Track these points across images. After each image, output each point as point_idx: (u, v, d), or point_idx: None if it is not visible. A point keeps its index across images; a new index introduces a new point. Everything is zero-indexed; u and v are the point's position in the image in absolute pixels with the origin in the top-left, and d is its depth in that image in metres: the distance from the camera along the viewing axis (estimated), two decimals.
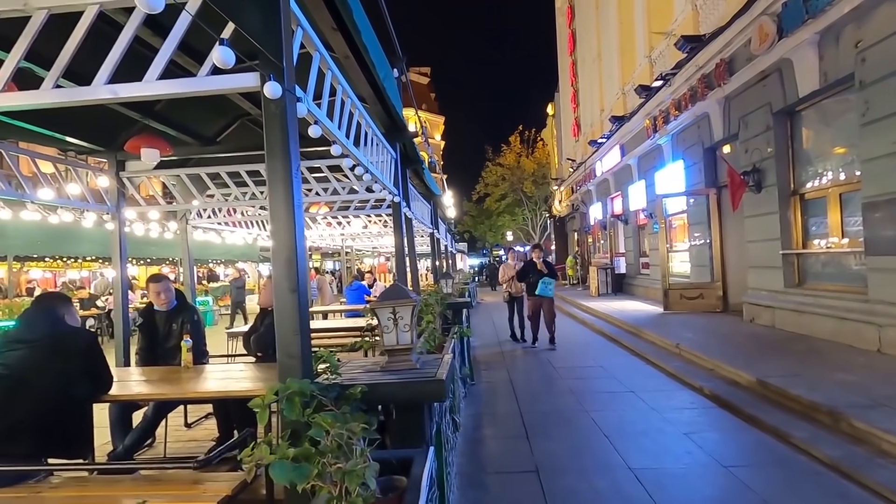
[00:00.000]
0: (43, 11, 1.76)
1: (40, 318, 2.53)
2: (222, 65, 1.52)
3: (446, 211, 15.42)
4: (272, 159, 1.69)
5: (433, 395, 2.04)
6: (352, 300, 9.19)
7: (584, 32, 22.42)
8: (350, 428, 1.38)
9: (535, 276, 8.24)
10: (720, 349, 6.48)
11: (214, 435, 3.89)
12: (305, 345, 1.70)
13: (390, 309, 2.18)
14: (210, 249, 15.27)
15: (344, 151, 2.57)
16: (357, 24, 2.43)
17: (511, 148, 31.62)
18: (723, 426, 4.42)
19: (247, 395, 2.92)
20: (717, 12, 9.18)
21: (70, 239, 11.36)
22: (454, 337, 4.07)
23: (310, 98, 2.01)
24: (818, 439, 3.76)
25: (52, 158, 4.34)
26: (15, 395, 2.26)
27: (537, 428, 4.53)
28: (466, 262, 38.35)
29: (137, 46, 2.02)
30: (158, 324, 3.84)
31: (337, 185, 5.28)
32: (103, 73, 1.77)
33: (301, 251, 1.72)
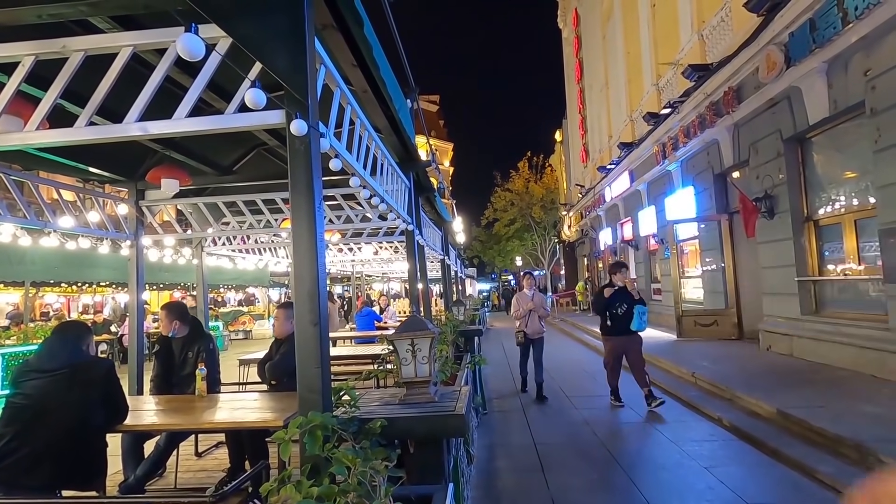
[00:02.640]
0: (80, 53, 1.83)
1: (60, 347, 2.55)
2: (254, 106, 1.57)
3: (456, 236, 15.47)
4: (296, 194, 1.71)
5: (453, 431, 2.01)
6: (362, 326, 9.16)
7: (591, 62, 22.82)
8: (374, 466, 1.37)
9: (624, 305, 5.82)
10: (738, 378, 6.34)
11: (225, 465, 3.84)
12: (326, 378, 1.69)
13: (409, 341, 2.17)
14: (222, 275, 15.40)
15: (362, 183, 2.61)
16: (376, 60, 2.50)
17: (520, 173, 31.84)
18: (745, 460, 4.28)
19: (261, 427, 2.90)
20: (724, 42, 9.32)
21: (86, 265, 11.54)
22: (468, 366, 4.03)
23: (331, 132, 2.05)
24: (845, 474, 3.62)
25: (73, 188, 4.44)
26: (35, 425, 2.27)
27: (552, 460, 4.43)
28: (476, 287, 38.23)
29: (166, 84, 2.09)
30: (174, 351, 3.84)
31: (350, 212, 5.34)
32: (135, 110, 1.83)
33: (323, 284, 1.73)
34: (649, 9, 13.90)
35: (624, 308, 5.81)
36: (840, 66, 6.32)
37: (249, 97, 1.56)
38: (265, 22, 1.69)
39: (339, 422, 1.66)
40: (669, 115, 11.19)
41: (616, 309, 5.87)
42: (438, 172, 13.72)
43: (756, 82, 7.81)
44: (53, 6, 1.77)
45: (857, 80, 6.08)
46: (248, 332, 18.02)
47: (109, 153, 3.89)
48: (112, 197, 4.54)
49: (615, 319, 5.90)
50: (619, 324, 5.87)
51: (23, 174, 3.69)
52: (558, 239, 31.19)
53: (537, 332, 6.91)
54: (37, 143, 1.90)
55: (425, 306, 5.64)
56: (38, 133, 1.87)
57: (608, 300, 5.92)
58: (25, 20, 1.82)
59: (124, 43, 1.83)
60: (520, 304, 6.99)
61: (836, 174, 7.27)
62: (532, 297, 6.92)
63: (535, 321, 6.86)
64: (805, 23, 6.43)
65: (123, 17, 2.05)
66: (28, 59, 1.86)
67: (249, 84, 1.57)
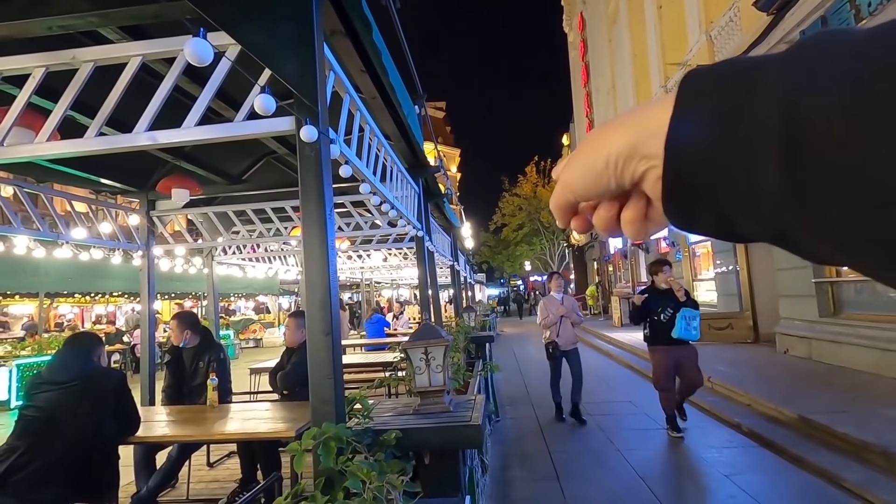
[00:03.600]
0: (89, 64, 1.83)
1: (72, 359, 2.55)
2: (263, 112, 1.55)
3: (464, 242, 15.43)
4: (307, 201, 1.69)
5: (470, 441, 1.96)
6: (372, 334, 9.14)
7: (597, 65, 22.77)
8: (390, 480, 1.32)
9: (668, 310, 4.86)
10: (756, 383, 6.21)
11: (237, 475, 3.81)
12: (339, 389, 1.66)
13: (422, 349, 2.13)
14: (232, 283, 15.49)
15: (372, 189, 2.58)
16: (385, 66, 2.48)
17: (527, 178, 31.78)
18: (766, 467, 4.17)
19: (273, 437, 2.87)
20: (733, 42, 9.23)
21: (99, 275, 11.67)
22: (480, 373, 3.97)
23: (341, 139, 2.03)
24: (873, 483, 3.51)
25: (85, 199, 4.47)
26: (47, 437, 2.25)
27: (568, 469, 4.34)
28: (485, 292, 38.12)
29: (175, 94, 2.09)
30: (185, 361, 3.83)
31: (360, 219, 5.33)
32: (144, 120, 1.82)
33: (334, 293, 1.70)
34: (656, 11, 13.84)
35: (669, 313, 4.85)
36: None
37: (259, 103, 1.54)
38: (274, 28, 1.67)
39: (353, 433, 1.62)
40: None
41: (658, 315, 4.89)
42: (446, 178, 13.74)
43: None
44: (63, 18, 1.77)
45: None
46: (258, 341, 18.07)
47: (120, 164, 3.91)
48: (123, 208, 4.56)
49: (657, 328, 4.89)
50: (663, 331, 4.85)
51: (36, 187, 3.72)
52: (567, 243, 31.03)
53: (571, 341, 5.80)
54: (48, 155, 1.89)
55: (436, 313, 5.60)
56: (49, 144, 1.86)
57: (642, 308, 4.99)
58: (35, 33, 1.82)
59: (133, 53, 1.82)
60: (548, 309, 5.81)
61: None
62: (562, 301, 5.83)
63: (567, 329, 5.78)
64: (816, 20, 6.34)
65: (132, 27, 2.05)
66: (38, 70, 1.86)
67: (259, 90, 1.55)
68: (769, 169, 0.26)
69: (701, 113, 0.29)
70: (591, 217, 0.39)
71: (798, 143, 0.25)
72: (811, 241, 0.27)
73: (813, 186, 0.25)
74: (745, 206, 0.28)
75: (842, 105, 0.24)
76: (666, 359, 4.90)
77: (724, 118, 0.28)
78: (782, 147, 0.25)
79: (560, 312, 5.74)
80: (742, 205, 0.28)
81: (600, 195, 0.37)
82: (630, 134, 0.33)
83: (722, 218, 0.30)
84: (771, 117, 0.26)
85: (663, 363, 4.93)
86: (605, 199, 0.37)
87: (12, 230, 3.37)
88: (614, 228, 0.38)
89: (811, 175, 0.24)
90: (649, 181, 0.33)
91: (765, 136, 0.26)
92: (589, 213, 0.39)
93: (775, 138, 0.26)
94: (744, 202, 0.28)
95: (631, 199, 0.36)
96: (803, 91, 0.25)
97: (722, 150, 0.28)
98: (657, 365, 5.02)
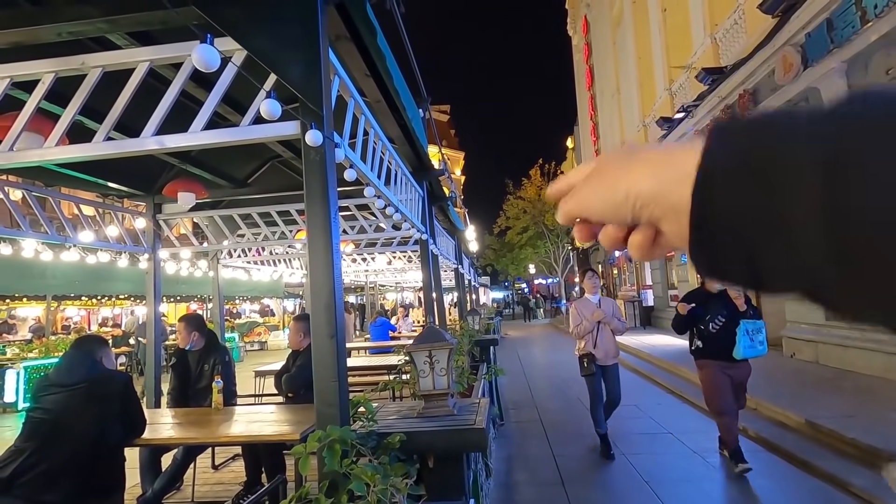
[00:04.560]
0: (98, 69, 1.85)
1: (78, 361, 2.56)
2: (269, 116, 1.56)
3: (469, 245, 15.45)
4: (312, 205, 1.70)
5: (474, 445, 1.96)
6: (376, 336, 9.14)
7: (601, 67, 22.77)
8: (394, 483, 1.32)
9: (719, 318, 4.05)
10: (762, 387, 6.16)
11: (242, 478, 3.82)
12: (343, 392, 1.66)
13: (426, 352, 2.14)
14: (237, 286, 15.56)
15: (377, 192, 2.60)
16: (389, 70, 2.50)
17: (531, 181, 31.77)
18: (773, 472, 4.14)
19: (278, 440, 2.88)
20: (738, 44, 9.21)
21: (105, 278, 11.75)
22: (485, 377, 3.97)
23: (346, 143, 2.04)
24: (881, 488, 3.47)
25: (92, 203, 4.52)
26: (53, 440, 2.27)
27: (572, 473, 4.33)
28: (490, 295, 38.06)
29: (181, 98, 2.11)
30: (191, 364, 3.85)
31: (364, 223, 5.34)
32: (151, 124, 1.84)
33: (339, 296, 1.71)
34: (660, 14, 13.84)
35: (720, 322, 4.00)
36: (860, 65, 6.19)
37: (265, 108, 1.55)
38: (279, 34, 1.69)
39: (358, 436, 1.62)
40: (683, 119, 11.07)
41: (708, 324, 4.05)
42: (451, 181, 13.76)
43: (773, 84, 7.69)
44: (72, 24, 1.79)
45: (878, 79, 5.94)
46: (263, 343, 18.12)
47: (127, 168, 3.95)
48: (130, 211, 4.60)
49: (708, 340, 4.08)
50: (714, 344, 4.04)
51: (44, 190, 3.75)
52: (572, 246, 30.96)
53: (611, 354, 4.73)
54: (56, 159, 1.92)
55: (440, 316, 5.61)
56: (58, 149, 1.88)
57: (688, 317, 4.15)
58: (45, 39, 1.85)
59: (141, 58, 1.85)
60: (581, 314, 4.77)
61: None
62: (599, 304, 4.81)
63: (606, 339, 4.72)
64: (822, 23, 6.32)
65: (140, 33, 2.07)
66: (48, 76, 1.88)
67: (265, 95, 1.56)
68: (811, 229, 0.25)
69: (732, 167, 0.29)
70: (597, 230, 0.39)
71: (845, 204, 0.24)
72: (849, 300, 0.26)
73: (861, 250, 0.24)
74: (780, 263, 0.27)
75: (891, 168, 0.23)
76: (719, 376, 4.06)
77: (759, 174, 0.27)
78: (827, 207, 0.24)
79: (597, 318, 4.72)
80: (777, 261, 0.27)
81: (614, 222, 0.37)
82: (653, 178, 0.33)
83: (752, 271, 0.29)
84: (813, 178, 0.25)
85: (716, 381, 4.07)
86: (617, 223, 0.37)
87: (21, 233, 3.40)
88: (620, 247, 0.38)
89: (858, 239, 0.24)
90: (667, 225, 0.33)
91: (806, 195, 0.25)
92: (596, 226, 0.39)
93: (818, 198, 0.25)
94: (780, 259, 0.27)
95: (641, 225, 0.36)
96: (848, 151, 0.24)
97: (757, 206, 0.27)
98: (709, 384, 4.15)
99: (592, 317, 4.69)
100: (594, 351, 4.69)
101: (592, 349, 4.70)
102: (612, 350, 4.76)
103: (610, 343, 4.76)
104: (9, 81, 1.90)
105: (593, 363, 4.68)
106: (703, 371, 4.22)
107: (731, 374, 4.07)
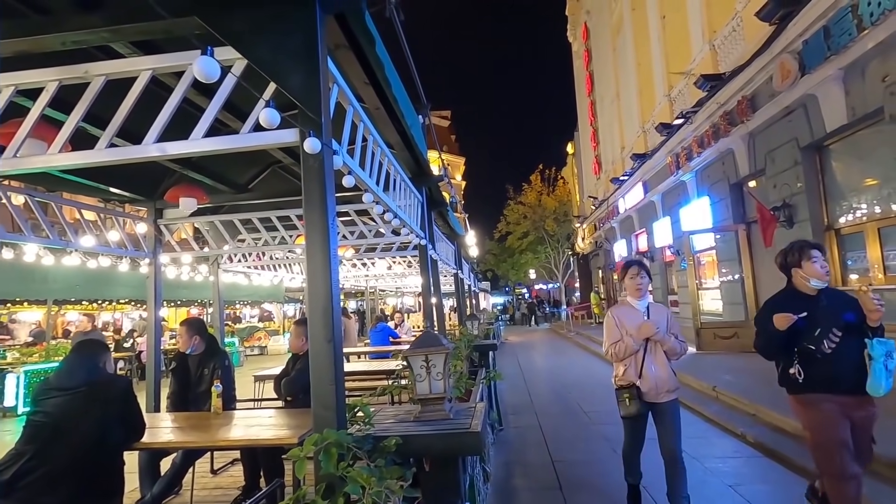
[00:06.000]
0: (101, 78, 1.89)
1: (78, 365, 2.58)
2: (268, 125, 1.59)
3: (469, 250, 15.48)
4: (310, 211, 1.73)
5: (469, 449, 1.98)
6: (376, 342, 9.15)
7: (601, 74, 22.88)
8: (389, 486, 1.34)
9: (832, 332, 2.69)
10: (761, 392, 6.16)
11: (240, 482, 3.83)
12: (340, 395, 1.68)
13: (423, 357, 2.16)
14: (237, 291, 15.57)
15: (375, 199, 2.62)
16: (388, 79, 2.53)
17: (532, 186, 31.86)
18: (771, 478, 4.14)
19: (276, 444, 2.89)
20: (736, 51, 9.28)
21: (106, 283, 11.78)
22: (483, 382, 3.98)
23: (344, 149, 2.07)
24: (881, 495, 3.48)
25: (94, 208, 4.55)
26: (53, 443, 2.29)
27: (571, 479, 4.33)
28: (490, 300, 38.05)
29: (183, 105, 2.14)
30: (191, 368, 3.87)
31: (364, 228, 5.37)
32: (153, 131, 1.87)
33: (336, 301, 1.73)
34: (659, 21, 13.93)
35: (836, 338, 2.69)
36: (857, 72, 6.24)
37: (264, 117, 1.58)
38: (279, 43, 1.72)
39: (354, 439, 1.64)
40: (682, 125, 11.12)
41: (818, 342, 2.71)
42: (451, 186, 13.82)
43: (770, 91, 7.74)
44: (76, 33, 1.83)
45: (874, 86, 5.98)
46: (263, 348, 18.13)
47: (129, 173, 3.98)
48: (131, 216, 4.63)
49: (818, 365, 2.74)
50: (828, 370, 2.72)
51: (46, 195, 3.79)
52: (572, 251, 30.99)
53: (664, 387, 3.24)
54: (60, 166, 1.95)
55: (439, 321, 5.62)
56: (61, 156, 1.92)
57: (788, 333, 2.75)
58: (50, 47, 1.88)
59: (144, 67, 1.88)
60: (621, 327, 3.35)
61: (857, 182, 7.12)
62: (648, 313, 3.34)
63: (658, 365, 3.27)
64: (819, 30, 6.37)
65: (143, 41, 2.11)
66: (52, 84, 1.92)
67: (264, 104, 1.60)
68: None
69: None
70: None
71: None
72: None
73: None
74: None
75: None
76: (837, 421, 2.71)
77: None
78: None
79: (646, 334, 3.21)
80: None
81: None
82: None
83: None
84: None
85: (834, 428, 2.71)
86: None
87: (23, 238, 3.43)
88: None
89: None
90: None
91: None
92: None
93: None
94: None
95: None
96: None
97: None
98: (823, 432, 2.75)
99: (639, 332, 3.22)
100: (639, 382, 3.22)
101: (637, 379, 3.23)
102: (665, 380, 3.22)
103: (662, 371, 3.23)
104: (13, 89, 1.94)
105: (637, 400, 3.21)
106: (809, 412, 2.82)
107: (854, 416, 2.72)
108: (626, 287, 3.48)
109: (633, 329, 3.28)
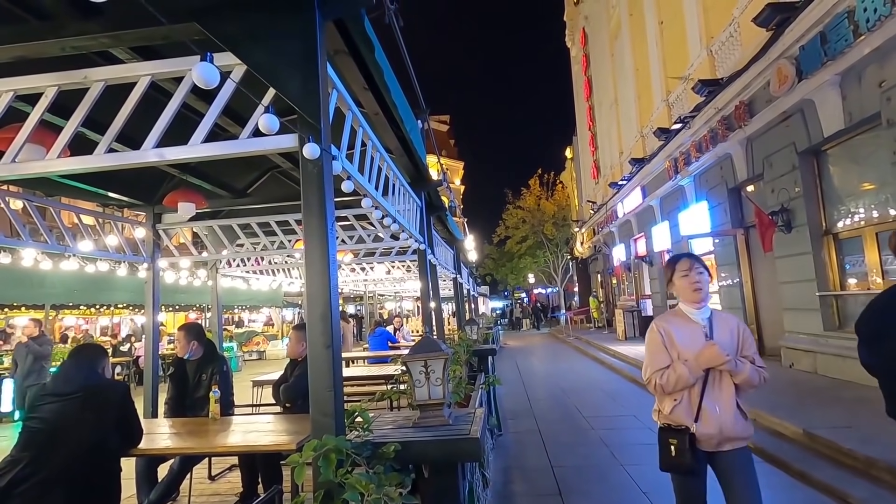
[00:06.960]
0: (100, 83, 1.89)
1: (76, 370, 2.57)
2: (267, 131, 1.59)
3: (468, 254, 15.48)
4: (309, 216, 1.73)
5: (468, 455, 1.97)
6: (374, 346, 9.13)
7: (599, 79, 22.98)
8: (387, 493, 1.34)
9: None
10: (760, 397, 6.14)
11: (238, 488, 3.80)
12: (339, 401, 1.68)
13: (422, 362, 2.15)
14: (236, 295, 15.56)
15: (374, 203, 2.63)
16: (387, 84, 2.54)
17: (531, 191, 31.88)
18: (770, 483, 4.12)
19: (274, 450, 2.88)
20: (734, 57, 9.32)
21: (104, 287, 11.75)
22: (482, 387, 3.97)
23: (343, 154, 2.08)
24: (879, 500, 3.47)
25: (92, 212, 4.55)
26: (50, 449, 2.27)
27: (570, 484, 4.31)
28: (489, 305, 38.00)
29: (182, 110, 2.14)
30: (188, 374, 3.85)
31: (363, 232, 5.37)
32: (152, 137, 1.87)
33: (335, 307, 1.73)
34: (657, 26, 14.01)
35: None
36: (853, 77, 6.27)
37: (263, 122, 1.59)
38: (278, 49, 1.73)
39: (353, 446, 1.63)
40: (680, 130, 11.16)
41: None
42: (450, 191, 13.83)
43: (768, 96, 7.77)
44: (76, 39, 1.84)
45: (871, 91, 6.02)
46: (261, 353, 18.08)
47: (128, 178, 3.98)
48: (130, 221, 4.63)
49: None
50: None
51: (45, 200, 3.78)
52: (571, 256, 30.98)
53: (730, 431, 2.20)
54: (58, 171, 1.95)
55: (438, 325, 5.61)
56: (60, 161, 1.92)
57: None
58: (49, 53, 1.89)
59: (143, 72, 1.88)
60: (670, 346, 2.31)
61: (855, 186, 7.14)
62: (710, 331, 2.30)
63: (724, 401, 2.22)
64: (815, 36, 6.41)
65: (142, 47, 2.11)
66: (51, 89, 1.92)
67: (263, 110, 1.60)
68: None
69: None
70: None
71: None
72: None
73: None
74: None
75: None
76: None
77: None
78: None
79: (714, 363, 2.19)
80: None
81: None
82: None
83: None
84: None
85: None
86: None
87: (21, 243, 3.42)
88: None
89: None
90: None
91: None
92: None
93: None
94: None
95: None
96: None
97: None
98: None
99: (698, 360, 2.21)
100: (697, 427, 2.21)
101: (692, 422, 2.23)
102: (731, 424, 2.20)
103: (728, 408, 2.21)
104: (13, 94, 1.94)
105: (691, 449, 2.20)
106: None
107: None
108: (678, 289, 2.44)
109: (688, 352, 2.23)
